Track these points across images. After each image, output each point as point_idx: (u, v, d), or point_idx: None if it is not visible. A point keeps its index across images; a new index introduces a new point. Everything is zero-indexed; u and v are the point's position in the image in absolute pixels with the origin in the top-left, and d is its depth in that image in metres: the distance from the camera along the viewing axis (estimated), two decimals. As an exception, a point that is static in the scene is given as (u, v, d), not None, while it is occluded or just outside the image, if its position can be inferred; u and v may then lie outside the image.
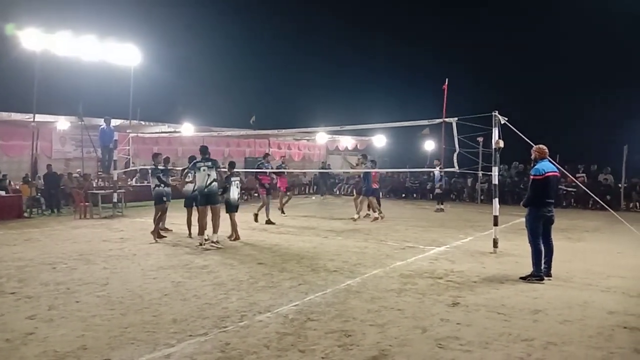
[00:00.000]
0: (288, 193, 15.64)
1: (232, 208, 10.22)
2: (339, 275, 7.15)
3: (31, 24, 14.66)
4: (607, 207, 11.35)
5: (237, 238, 10.12)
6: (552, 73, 30.77)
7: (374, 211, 13.89)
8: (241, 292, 6.23)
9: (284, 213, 14.71)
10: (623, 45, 27.68)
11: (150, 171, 11.27)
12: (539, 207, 7.01)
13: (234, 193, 10.29)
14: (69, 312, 5.38)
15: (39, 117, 15.58)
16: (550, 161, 7.23)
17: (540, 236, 7.02)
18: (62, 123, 17.02)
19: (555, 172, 7.21)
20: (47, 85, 16.52)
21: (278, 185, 14.88)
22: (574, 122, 26.93)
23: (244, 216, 12.72)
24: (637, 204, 17.89)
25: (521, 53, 31.60)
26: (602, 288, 6.53)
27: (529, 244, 7.09)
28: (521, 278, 6.99)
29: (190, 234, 10.60)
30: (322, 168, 24.07)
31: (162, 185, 10.65)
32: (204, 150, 9.85)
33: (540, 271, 6.96)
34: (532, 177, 7.10)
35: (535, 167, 7.10)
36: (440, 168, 15.53)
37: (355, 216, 13.87)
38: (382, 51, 37.03)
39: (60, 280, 6.78)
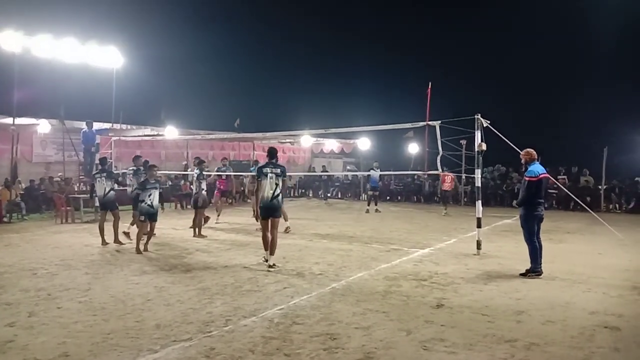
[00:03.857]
0: (222, 198, 14.18)
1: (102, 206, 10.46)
2: (324, 279, 7.15)
3: (9, 26, 14.41)
4: (587, 208, 11.56)
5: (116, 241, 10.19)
6: (533, 76, 31.28)
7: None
8: (225, 296, 6.19)
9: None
10: (604, 48, 28.24)
11: (105, 174, 10.34)
12: (533, 206, 7.30)
13: (100, 190, 10.35)
14: (49, 319, 5.28)
15: (19, 120, 15.30)
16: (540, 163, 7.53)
17: (535, 234, 7.32)
18: (43, 126, 16.74)
19: (546, 174, 7.55)
20: (27, 88, 16.22)
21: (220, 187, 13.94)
22: (555, 124, 27.39)
23: (236, 219, 12.65)
24: (617, 205, 18.23)
25: (502, 57, 32.12)
26: (584, 289, 6.63)
27: (526, 242, 7.37)
28: (521, 274, 7.26)
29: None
30: (324, 171, 24.04)
31: (113, 190, 10.35)
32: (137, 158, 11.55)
33: (538, 266, 7.23)
34: (527, 178, 7.32)
35: (530, 169, 7.36)
36: (379, 170, 15.43)
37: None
38: (366, 55, 37.32)
39: (41, 286, 6.66)
